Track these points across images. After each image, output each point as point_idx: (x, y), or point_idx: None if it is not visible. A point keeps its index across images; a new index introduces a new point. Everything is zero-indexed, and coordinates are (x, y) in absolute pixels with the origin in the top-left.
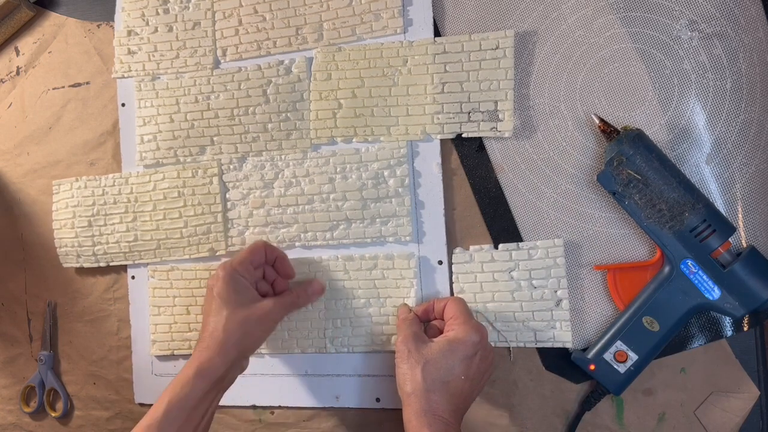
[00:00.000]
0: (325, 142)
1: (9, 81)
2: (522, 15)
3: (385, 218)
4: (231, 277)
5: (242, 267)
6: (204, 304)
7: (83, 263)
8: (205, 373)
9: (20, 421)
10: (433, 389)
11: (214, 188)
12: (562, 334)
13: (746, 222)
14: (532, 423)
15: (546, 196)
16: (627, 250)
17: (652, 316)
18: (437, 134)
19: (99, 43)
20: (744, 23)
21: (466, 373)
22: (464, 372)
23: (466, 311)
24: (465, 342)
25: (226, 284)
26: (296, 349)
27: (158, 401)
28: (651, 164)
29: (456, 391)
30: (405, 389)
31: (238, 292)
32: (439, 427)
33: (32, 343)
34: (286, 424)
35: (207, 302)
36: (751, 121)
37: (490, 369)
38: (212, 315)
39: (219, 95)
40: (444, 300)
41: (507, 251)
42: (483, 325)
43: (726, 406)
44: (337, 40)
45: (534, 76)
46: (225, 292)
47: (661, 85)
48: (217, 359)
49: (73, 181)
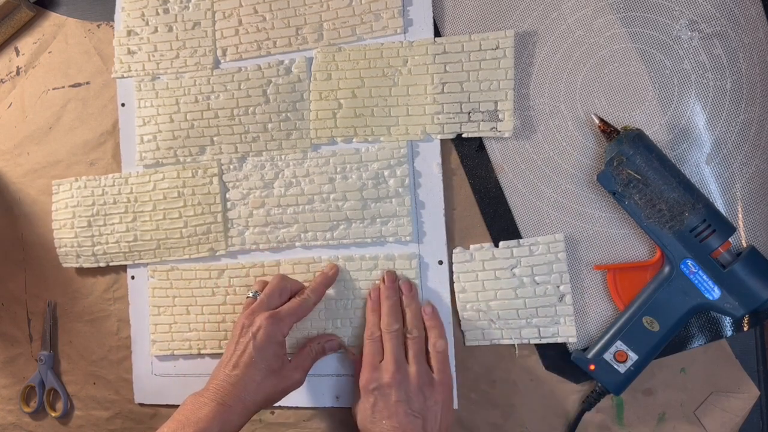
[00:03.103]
0: (325, 142)
1: (9, 81)
2: (522, 15)
3: (385, 218)
4: (275, 341)
5: (285, 327)
6: (233, 338)
7: (83, 263)
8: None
9: (20, 421)
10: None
11: (214, 188)
12: (566, 329)
13: (746, 222)
14: (532, 423)
15: (546, 196)
16: (627, 250)
17: (652, 316)
18: (437, 134)
19: (99, 43)
20: (744, 23)
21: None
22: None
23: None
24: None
25: (268, 344)
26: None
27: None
28: (651, 164)
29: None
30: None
31: (277, 357)
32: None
33: (32, 343)
34: (286, 424)
35: (242, 345)
36: (751, 121)
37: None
38: (244, 367)
39: (219, 95)
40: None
41: (508, 248)
42: (370, 373)
43: (726, 406)
44: (337, 40)
45: (534, 76)
46: (263, 353)
47: (661, 85)
48: (237, 421)
49: (73, 181)
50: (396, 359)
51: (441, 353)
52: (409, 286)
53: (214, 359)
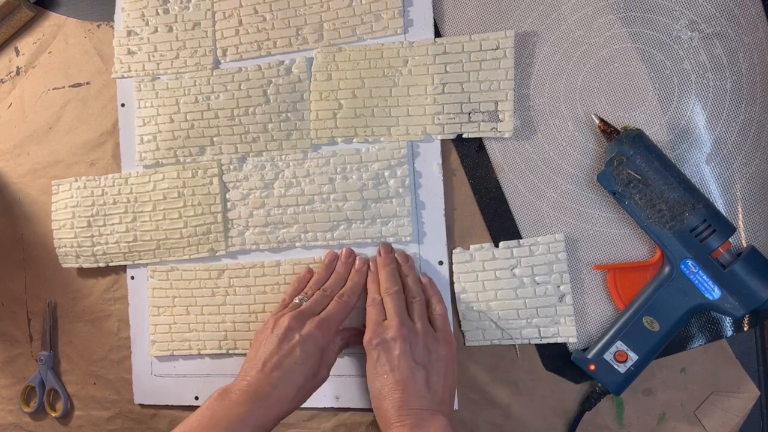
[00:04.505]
0: (326, 143)
1: (9, 81)
2: (522, 15)
3: (385, 219)
4: (322, 346)
5: (333, 334)
6: (273, 339)
7: (82, 263)
8: (265, 427)
9: (20, 421)
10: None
11: (214, 188)
12: (567, 329)
13: (746, 222)
14: (532, 423)
15: (546, 196)
16: (627, 250)
17: (652, 316)
18: (438, 134)
19: (99, 43)
20: (744, 23)
21: (380, 374)
22: (379, 374)
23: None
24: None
25: (317, 349)
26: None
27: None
28: (651, 164)
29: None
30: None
31: (318, 361)
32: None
33: (32, 343)
34: (286, 424)
35: (285, 346)
36: (751, 121)
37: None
38: (285, 370)
39: (219, 95)
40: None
41: (508, 249)
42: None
43: (726, 406)
44: (337, 41)
45: (534, 76)
46: (312, 358)
47: (661, 85)
48: (270, 424)
49: (73, 182)
50: (399, 315)
51: (442, 315)
52: (405, 256)
53: (214, 359)
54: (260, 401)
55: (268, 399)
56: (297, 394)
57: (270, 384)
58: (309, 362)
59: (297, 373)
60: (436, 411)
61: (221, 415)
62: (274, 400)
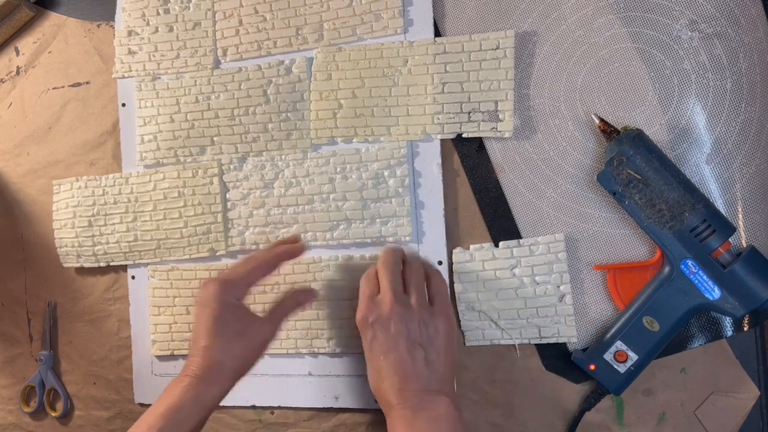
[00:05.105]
0: (326, 142)
1: (9, 81)
2: (522, 15)
3: (385, 218)
4: (226, 304)
5: (238, 290)
6: (196, 313)
7: (83, 263)
8: (203, 404)
9: (20, 421)
10: (377, 379)
11: (215, 188)
12: (567, 329)
13: (746, 222)
14: (532, 423)
15: (546, 196)
16: (627, 250)
17: (652, 316)
18: (437, 134)
19: (99, 43)
20: (744, 23)
21: (376, 355)
22: (375, 355)
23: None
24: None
25: (221, 309)
26: (296, 350)
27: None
28: (651, 164)
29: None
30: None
31: (238, 319)
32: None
33: (32, 343)
34: (286, 424)
35: (201, 317)
36: (751, 121)
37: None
38: (207, 337)
39: (219, 95)
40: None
41: (508, 248)
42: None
43: (726, 406)
44: (337, 40)
45: (534, 76)
46: (222, 318)
47: (661, 85)
48: (215, 391)
49: (74, 181)
50: (393, 289)
51: (440, 289)
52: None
53: None
54: (196, 373)
55: (201, 369)
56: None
57: (200, 356)
58: (223, 323)
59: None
60: (437, 391)
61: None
62: (207, 369)
